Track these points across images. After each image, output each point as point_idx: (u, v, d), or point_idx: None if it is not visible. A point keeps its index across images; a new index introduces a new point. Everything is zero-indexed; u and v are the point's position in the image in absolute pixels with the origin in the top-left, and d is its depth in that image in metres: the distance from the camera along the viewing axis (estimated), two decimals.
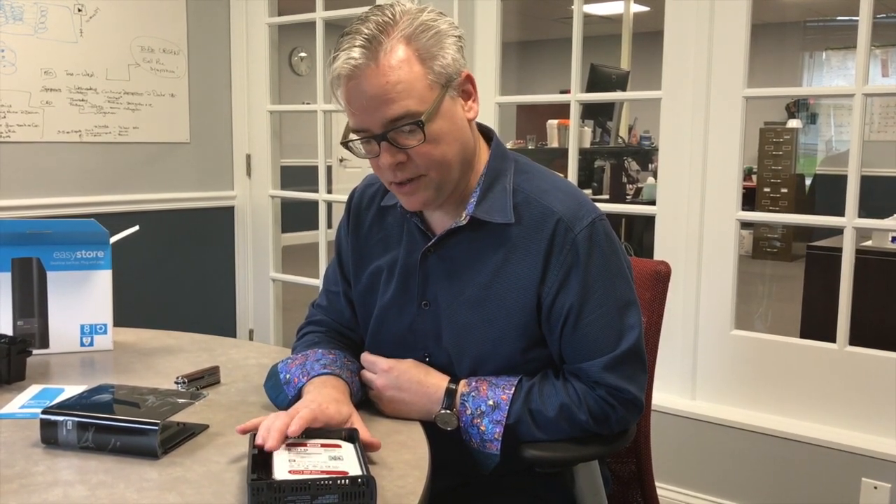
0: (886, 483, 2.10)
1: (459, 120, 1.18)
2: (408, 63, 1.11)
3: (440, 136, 1.14)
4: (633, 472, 1.52)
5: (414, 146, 1.13)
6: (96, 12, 3.12)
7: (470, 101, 1.20)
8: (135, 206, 3.27)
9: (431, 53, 1.12)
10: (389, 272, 1.30)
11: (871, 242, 3.12)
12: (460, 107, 1.18)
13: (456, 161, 1.18)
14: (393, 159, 1.14)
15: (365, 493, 0.89)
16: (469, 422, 1.19)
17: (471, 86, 1.20)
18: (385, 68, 1.10)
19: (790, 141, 7.93)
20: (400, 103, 1.10)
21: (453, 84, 1.16)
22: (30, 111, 2.98)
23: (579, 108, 2.68)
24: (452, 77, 1.15)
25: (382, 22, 1.11)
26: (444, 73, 1.14)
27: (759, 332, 2.44)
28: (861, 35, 2.11)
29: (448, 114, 1.15)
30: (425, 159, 1.14)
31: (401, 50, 1.11)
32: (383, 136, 1.13)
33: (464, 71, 1.18)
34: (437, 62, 1.13)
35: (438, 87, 1.13)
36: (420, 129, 1.11)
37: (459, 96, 1.18)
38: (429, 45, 1.12)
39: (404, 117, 1.11)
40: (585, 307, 1.19)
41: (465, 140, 1.20)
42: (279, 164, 3.57)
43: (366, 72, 1.10)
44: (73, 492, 0.95)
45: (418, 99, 1.11)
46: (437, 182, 1.17)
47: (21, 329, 1.55)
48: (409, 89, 1.10)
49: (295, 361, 1.26)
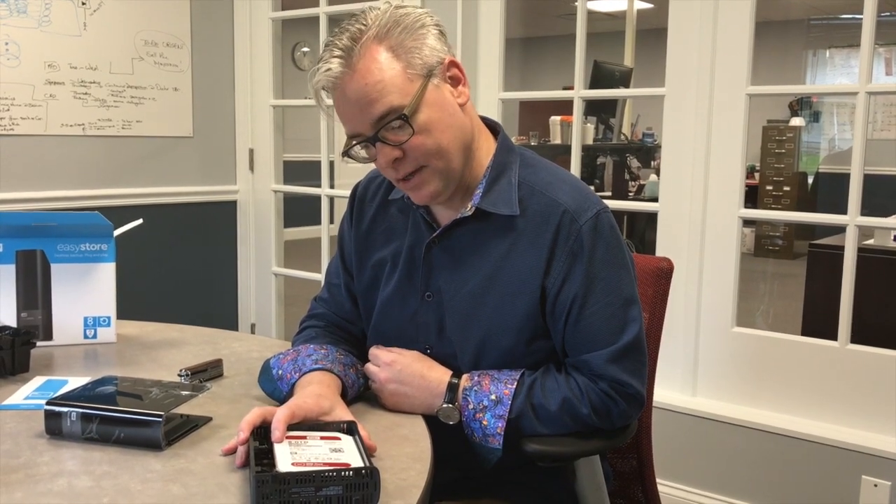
0: (887, 481, 2.10)
1: (449, 106, 1.18)
2: (383, 62, 1.13)
3: (430, 125, 1.15)
4: (634, 468, 1.52)
5: (406, 140, 1.14)
6: (100, 6, 3.12)
7: (459, 87, 1.20)
8: (138, 200, 3.27)
9: (405, 47, 1.14)
10: (393, 263, 1.30)
11: (873, 241, 3.12)
12: (448, 93, 1.19)
13: (454, 147, 1.19)
14: (389, 157, 1.16)
15: (369, 484, 0.90)
16: (471, 416, 1.19)
17: (457, 70, 1.20)
18: (362, 72, 1.12)
19: (793, 139, 7.92)
20: (382, 101, 1.12)
21: (435, 72, 1.16)
22: (33, 104, 2.98)
23: (582, 104, 2.67)
24: (433, 66, 1.16)
25: (355, 31, 1.14)
26: (422, 63, 1.15)
27: (760, 329, 2.44)
28: (865, 33, 2.11)
29: (434, 102, 1.16)
30: (420, 150, 1.15)
31: (374, 51, 1.13)
32: (375, 137, 1.15)
33: (446, 58, 1.18)
34: (412, 55, 1.14)
35: (419, 78, 1.14)
36: (407, 123, 1.13)
37: (446, 83, 1.18)
38: (401, 39, 1.14)
39: (389, 113, 1.13)
40: (589, 297, 1.19)
41: (461, 125, 1.20)
42: (282, 159, 3.57)
43: (344, 79, 1.13)
44: (77, 482, 0.95)
45: (399, 94, 1.13)
46: (440, 170, 1.18)
47: (25, 321, 1.55)
48: (389, 86, 1.12)
49: (287, 357, 1.27)
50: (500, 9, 2.77)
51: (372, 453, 1.04)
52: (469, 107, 1.23)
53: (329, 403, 1.11)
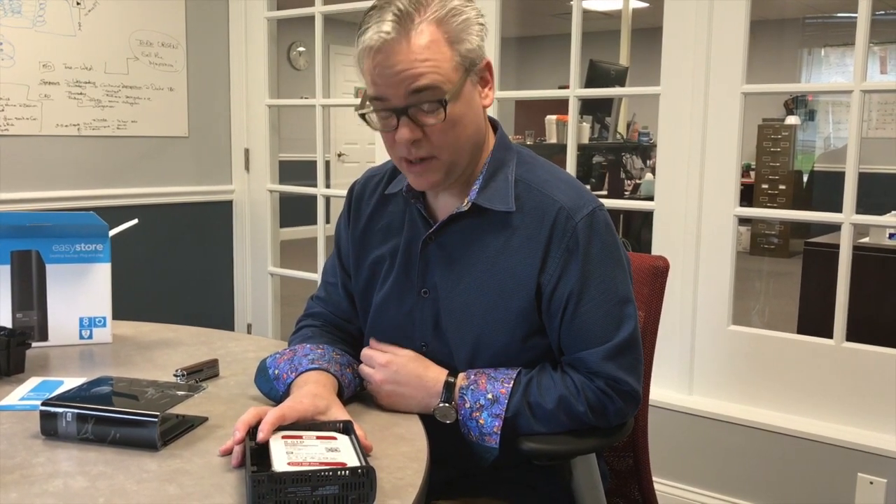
0: (882, 478, 2.10)
1: (476, 106, 1.21)
2: (437, 44, 1.13)
3: (458, 119, 1.16)
4: (630, 467, 1.53)
5: (432, 124, 1.14)
6: (95, 6, 3.11)
7: (486, 89, 1.23)
8: (133, 200, 3.27)
9: (459, 38, 1.15)
10: (391, 261, 1.30)
11: (868, 239, 3.13)
12: (478, 93, 1.21)
13: (468, 146, 1.20)
14: (411, 135, 1.15)
15: (365, 483, 0.90)
16: (468, 415, 1.19)
17: (489, 74, 1.22)
18: (415, 46, 1.12)
19: (788, 137, 7.93)
20: (427, 76, 1.12)
21: (475, 69, 1.18)
22: (28, 104, 2.98)
23: (578, 103, 2.68)
24: (475, 62, 1.18)
25: (412, 1, 1.13)
26: (468, 57, 1.16)
27: (756, 327, 2.45)
28: (860, 32, 2.12)
29: (467, 98, 1.18)
30: (441, 139, 1.16)
31: (433, 29, 1.13)
32: (404, 111, 1.14)
33: (485, 58, 1.20)
34: (463, 46, 1.16)
35: (462, 69, 1.16)
36: (442, 108, 1.13)
37: (479, 82, 1.20)
38: (458, 29, 1.15)
39: (428, 90, 1.13)
40: (585, 294, 1.19)
41: (479, 126, 1.22)
42: (278, 159, 3.57)
43: (396, 47, 1.12)
44: (73, 483, 0.95)
45: (444, 78, 1.13)
46: (448, 164, 1.19)
47: (20, 321, 1.55)
48: (437, 67, 1.13)
49: (283, 357, 1.26)
50: (495, 8, 2.77)
51: (368, 453, 1.04)
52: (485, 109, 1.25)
53: (325, 403, 1.11)
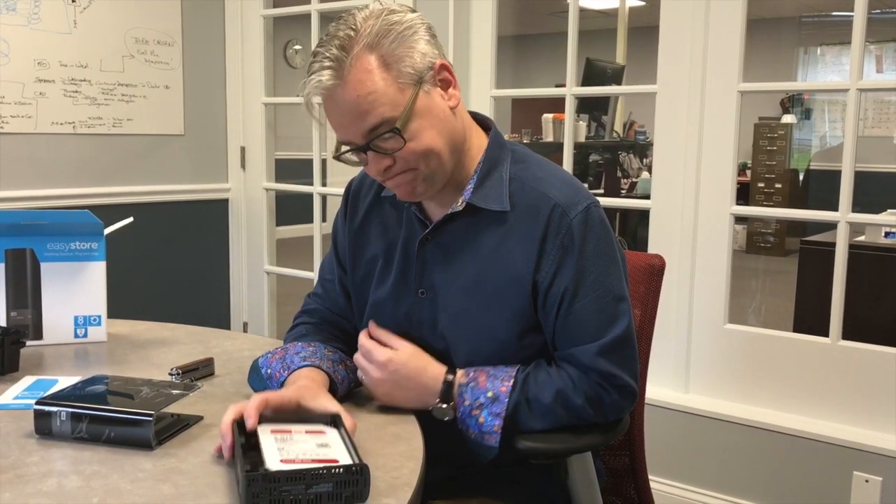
0: (878, 476, 2.11)
1: (440, 111, 1.18)
2: (374, 72, 1.12)
3: (420, 133, 1.15)
4: (626, 465, 1.53)
5: (397, 149, 1.15)
6: (90, 3, 3.10)
7: (450, 89, 1.20)
8: (129, 198, 3.26)
9: (397, 56, 1.13)
10: (387, 260, 1.30)
11: (864, 237, 3.13)
12: (439, 97, 1.18)
13: (444, 151, 1.19)
14: (381, 165, 1.16)
15: (359, 480, 0.90)
16: (467, 413, 1.19)
17: (448, 74, 1.19)
18: (353, 83, 1.11)
19: (784, 136, 7.94)
20: (374, 113, 1.12)
21: (426, 78, 1.16)
22: (23, 102, 2.97)
23: (574, 102, 2.68)
24: (424, 72, 1.15)
25: (344, 37, 1.12)
26: (413, 72, 1.14)
27: (752, 326, 2.45)
28: (856, 31, 2.12)
29: (426, 109, 1.16)
30: (411, 156, 1.16)
31: (365, 61, 1.11)
32: (367, 147, 1.15)
33: (437, 61, 1.17)
34: (403, 64, 1.13)
35: (410, 87, 1.14)
36: (398, 135, 1.13)
37: (437, 87, 1.18)
38: (393, 48, 1.13)
39: (381, 125, 1.13)
40: (580, 290, 1.19)
41: (451, 129, 1.20)
42: (274, 157, 3.56)
43: (335, 90, 1.12)
44: (67, 482, 0.95)
45: (391, 105, 1.12)
46: (427, 173, 1.18)
47: (14, 320, 1.54)
48: (381, 97, 1.12)
49: (275, 356, 1.27)
50: (492, 6, 2.77)
51: (352, 433, 1.03)
52: (460, 108, 1.23)
53: (312, 392, 1.12)
